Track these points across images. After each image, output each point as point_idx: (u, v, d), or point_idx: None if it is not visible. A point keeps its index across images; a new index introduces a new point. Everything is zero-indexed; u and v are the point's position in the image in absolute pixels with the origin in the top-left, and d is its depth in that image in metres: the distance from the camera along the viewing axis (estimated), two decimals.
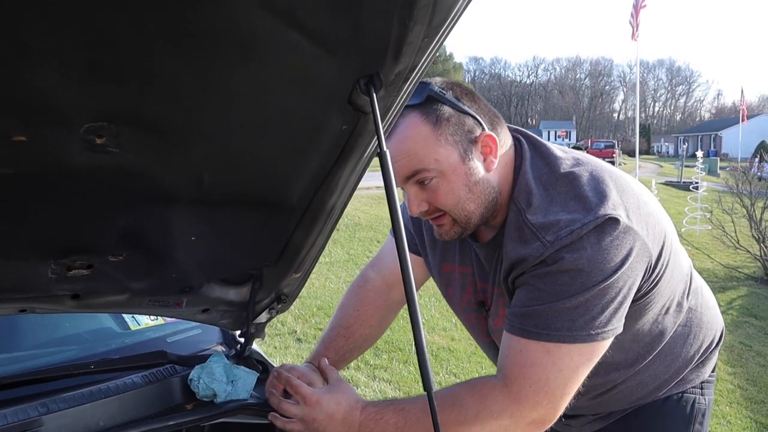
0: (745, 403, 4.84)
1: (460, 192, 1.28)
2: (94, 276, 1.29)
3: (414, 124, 1.25)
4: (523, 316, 1.25)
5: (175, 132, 0.97)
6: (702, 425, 1.54)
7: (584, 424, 1.58)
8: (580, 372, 1.24)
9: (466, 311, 1.56)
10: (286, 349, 5.14)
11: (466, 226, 1.33)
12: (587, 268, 1.19)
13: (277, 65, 0.88)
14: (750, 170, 14.38)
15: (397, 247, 0.87)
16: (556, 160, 1.33)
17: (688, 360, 1.51)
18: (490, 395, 1.26)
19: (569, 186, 1.27)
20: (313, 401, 1.32)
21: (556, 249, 1.20)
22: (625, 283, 1.22)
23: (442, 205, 1.30)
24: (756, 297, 8.37)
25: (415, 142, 1.25)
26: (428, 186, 1.28)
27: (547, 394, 1.22)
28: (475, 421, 1.24)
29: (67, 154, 0.93)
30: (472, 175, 1.28)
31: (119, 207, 1.12)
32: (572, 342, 1.21)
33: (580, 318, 1.20)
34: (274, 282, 1.53)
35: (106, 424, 1.41)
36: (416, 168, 1.26)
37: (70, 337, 1.91)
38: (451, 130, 1.25)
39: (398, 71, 0.93)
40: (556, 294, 1.21)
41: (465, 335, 5.88)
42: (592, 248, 1.19)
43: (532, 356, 1.23)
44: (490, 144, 1.29)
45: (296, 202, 1.24)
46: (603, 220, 1.20)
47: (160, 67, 0.83)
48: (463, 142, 1.27)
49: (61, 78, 0.80)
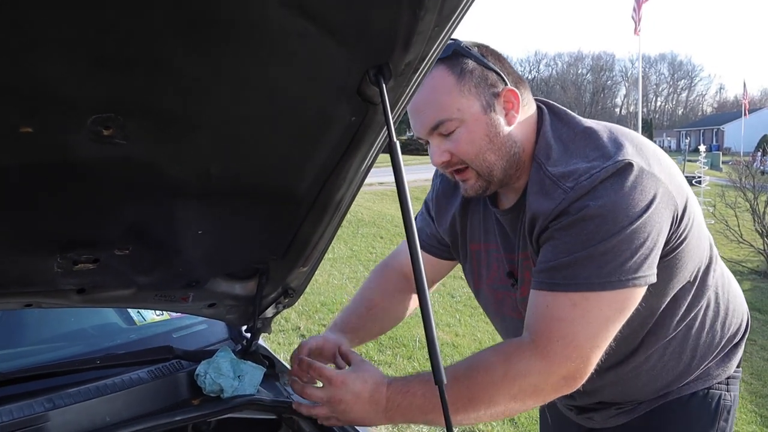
0: (750, 397, 4.83)
1: (481, 142, 1.31)
2: (100, 270, 1.28)
3: (440, 76, 1.29)
4: (549, 270, 1.24)
5: (183, 123, 0.96)
6: (727, 422, 1.51)
7: (607, 418, 1.56)
8: (610, 324, 1.22)
9: (494, 288, 1.55)
10: (290, 346, 5.13)
11: (489, 178, 1.35)
12: (612, 214, 1.18)
13: (286, 55, 0.87)
14: (753, 164, 14.35)
15: (408, 237, 0.86)
16: (575, 119, 1.37)
17: (714, 347, 1.49)
18: (516, 354, 1.24)
19: (588, 139, 1.29)
20: (338, 382, 1.31)
21: (578, 195, 1.20)
22: (653, 228, 1.20)
23: (463, 154, 1.32)
24: (760, 291, 8.36)
25: (440, 93, 1.29)
26: (450, 136, 1.31)
27: (576, 348, 1.20)
28: (503, 380, 1.22)
29: (74, 145, 0.92)
30: (493, 126, 1.31)
31: (126, 200, 1.11)
32: (601, 289, 1.19)
33: (608, 264, 1.18)
34: (281, 276, 1.52)
35: (112, 420, 1.41)
36: (440, 118, 1.30)
37: (75, 333, 1.91)
38: (474, 81, 1.29)
39: (408, 61, 0.92)
40: (583, 243, 1.19)
41: (469, 331, 5.88)
42: (615, 193, 1.18)
43: (559, 311, 1.22)
44: (512, 99, 1.33)
45: (304, 194, 1.22)
46: (622, 165, 1.20)
47: (168, 57, 0.82)
48: (486, 94, 1.30)
49: (68, 69, 0.79)
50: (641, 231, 1.19)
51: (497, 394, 1.23)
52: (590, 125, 1.33)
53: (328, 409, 1.32)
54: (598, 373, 1.34)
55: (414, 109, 1.32)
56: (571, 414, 1.67)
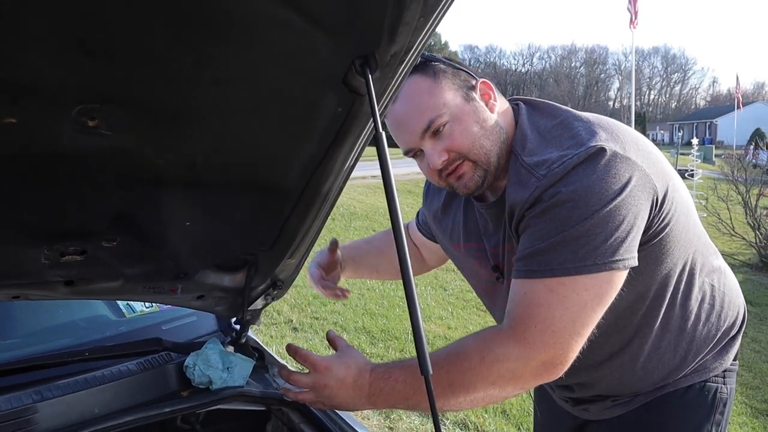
0: (740, 389, 4.87)
1: (474, 129, 1.33)
2: (88, 262, 1.28)
3: (416, 82, 1.32)
4: (526, 257, 1.24)
5: (168, 114, 0.96)
6: (723, 415, 1.51)
7: (603, 409, 1.56)
8: (589, 309, 1.21)
9: (485, 284, 1.56)
10: (282, 339, 5.13)
11: (487, 167, 1.35)
12: (584, 198, 1.18)
13: (271, 45, 0.86)
14: (745, 157, 14.40)
15: (393, 228, 0.86)
16: (556, 109, 1.38)
17: (709, 339, 1.49)
18: (494, 339, 1.24)
19: (563, 128, 1.30)
20: (322, 367, 1.32)
21: (550, 183, 1.21)
22: (628, 212, 1.19)
23: (460, 147, 1.33)
24: (751, 284, 8.41)
25: (421, 96, 1.31)
26: (443, 133, 1.32)
27: (554, 334, 1.19)
28: (481, 366, 1.22)
29: (59, 136, 0.92)
30: (480, 113, 1.34)
31: (112, 191, 1.11)
32: (576, 273, 1.18)
33: (582, 248, 1.18)
34: (269, 268, 1.52)
35: (101, 411, 1.41)
36: (429, 118, 1.31)
37: (64, 325, 1.90)
38: (449, 78, 1.33)
39: (394, 52, 0.92)
40: (556, 228, 1.19)
41: (461, 323, 5.89)
42: (587, 178, 1.19)
43: (536, 296, 1.22)
44: (487, 90, 1.37)
45: (291, 186, 1.22)
46: (594, 150, 1.20)
47: (153, 47, 0.81)
48: (463, 87, 1.34)
49: (52, 59, 0.78)
50: (615, 214, 1.18)
51: (476, 379, 1.22)
52: (567, 116, 1.33)
53: (314, 394, 1.33)
54: (595, 365, 1.33)
55: (398, 122, 1.34)
56: (566, 405, 1.68)
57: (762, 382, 5.03)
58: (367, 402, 1.30)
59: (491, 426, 3.86)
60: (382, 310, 5.90)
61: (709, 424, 1.49)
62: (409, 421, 3.81)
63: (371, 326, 5.48)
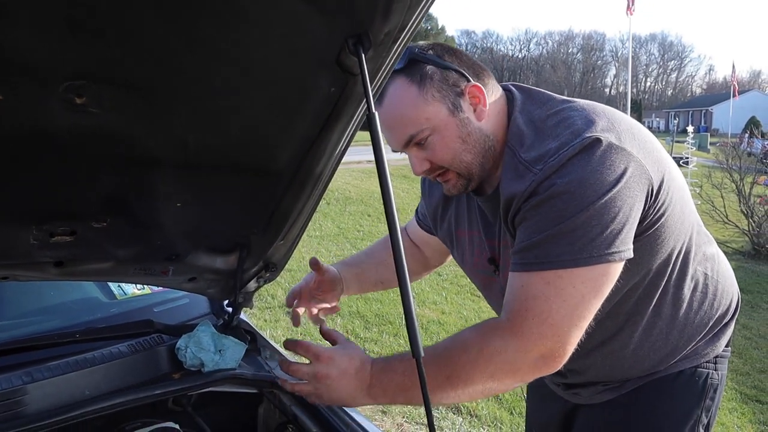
0: (731, 375, 4.90)
1: (455, 145, 1.31)
2: (78, 243, 1.27)
3: (401, 88, 1.28)
4: (522, 250, 1.24)
5: (158, 93, 0.94)
6: (713, 401, 1.51)
7: (593, 394, 1.56)
8: (586, 301, 1.20)
9: (479, 273, 1.56)
10: (277, 323, 5.14)
11: (469, 177, 1.36)
12: (579, 190, 1.17)
13: (262, 24, 0.85)
14: (740, 146, 14.41)
15: (386, 210, 0.85)
16: (549, 100, 1.35)
17: (701, 327, 1.49)
18: (492, 332, 1.24)
19: (559, 119, 1.28)
20: (325, 357, 1.31)
21: (546, 175, 1.20)
22: (624, 203, 1.19)
23: (440, 161, 1.33)
24: (743, 271, 8.45)
25: (406, 107, 1.28)
26: (426, 145, 1.32)
27: (552, 327, 1.19)
28: (478, 358, 1.22)
29: (46, 113, 0.90)
30: (464, 127, 1.31)
31: (101, 171, 1.09)
32: (574, 266, 1.18)
33: (578, 240, 1.17)
34: (261, 250, 1.51)
35: (91, 393, 1.40)
36: (410, 133, 1.30)
37: (55, 306, 1.89)
38: (436, 86, 1.29)
39: (388, 31, 0.90)
40: (552, 220, 1.19)
41: (455, 309, 5.91)
42: (582, 169, 1.18)
43: (533, 289, 1.21)
44: (477, 94, 1.32)
45: (284, 167, 1.21)
46: (589, 141, 1.19)
47: (141, 24, 0.80)
48: (450, 95, 1.30)
49: (38, 35, 0.77)
50: (611, 206, 1.17)
51: (474, 372, 1.22)
52: (562, 106, 1.32)
53: (313, 385, 1.32)
54: (586, 352, 1.32)
55: (385, 127, 1.32)
56: (558, 390, 1.68)
57: (752, 369, 5.07)
58: (367, 395, 1.30)
59: (484, 410, 3.88)
60: (375, 294, 5.90)
61: (699, 410, 1.49)
62: (402, 405, 3.82)
63: (365, 311, 5.49)
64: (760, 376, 4.92)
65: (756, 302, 7.05)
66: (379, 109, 1.28)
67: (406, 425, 3.63)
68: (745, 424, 4.12)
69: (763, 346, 5.64)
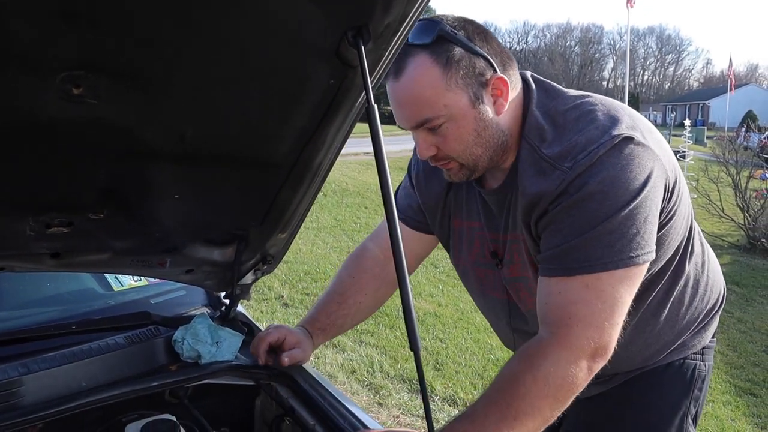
0: (725, 368, 4.93)
1: (469, 138, 1.26)
2: (75, 234, 1.26)
3: (423, 66, 1.19)
4: (560, 255, 1.21)
5: (156, 84, 0.94)
6: (701, 391, 1.53)
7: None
8: (624, 299, 1.20)
9: (477, 266, 1.53)
10: (273, 314, 5.14)
11: (473, 169, 1.32)
12: (612, 190, 1.16)
13: (261, 15, 0.84)
14: (736, 140, 14.42)
15: (385, 203, 0.85)
16: (564, 93, 1.32)
17: (691, 322, 1.50)
18: (539, 354, 1.20)
19: (580, 112, 1.26)
20: None
21: (576, 174, 1.18)
22: (652, 203, 1.19)
23: (450, 150, 1.28)
24: (739, 265, 8.49)
25: (425, 88, 1.20)
26: (438, 131, 1.25)
27: (597, 329, 1.17)
28: (534, 385, 1.16)
29: (44, 104, 0.90)
30: (481, 120, 1.26)
31: (99, 162, 1.09)
32: (615, 268, 1.17)
33: (617, 242, 1.16)
34: (259, 242, 1.51)
35: (88, 385, 1.40)
36: (426, 116, 1.23)
37: (51, 298, 1.88)
38: (461, 73, 1.20)
39: (388, 23, 0.90)
40: (588, 222, 1.17)
41: (452, 301, 5.91)
42: (614, 168, 1.16)
43: (573, 294, 1.19)
44: (501, 87, 1.25)
45: (282, 159, 1.20)
46: (620, 139, 1.18)
47: (139, 15, 0.79)
48: (474, 85, 1.22)
49: (35, 25, 0.76)
50: (643, 206, 1.17)
51: (536, 400, 1.16)
52: (580, 100, 1.29)
53: None
54: None
55: (397, 102, 1.25)
56: None
57: (746, 362, 5.09)
58: None
59: None
60: None
61: (688, 400, 1.51)
62: (398, 397, 3.84)
63: None
64: (754, 370, 4.95)
65: (751, 296, 7.08)
66: (394, 83, 1.22)
67: (402, 417, 3.64)
68: (739, 417, 4.14)
69: (757, 339, 5.67)
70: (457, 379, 4.16)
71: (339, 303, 1.68)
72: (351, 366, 4.22)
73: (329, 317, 1.67)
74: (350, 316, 1.70)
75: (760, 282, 7.67)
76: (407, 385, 4.01)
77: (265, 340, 1.55)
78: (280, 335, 1.56)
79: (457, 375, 4.23)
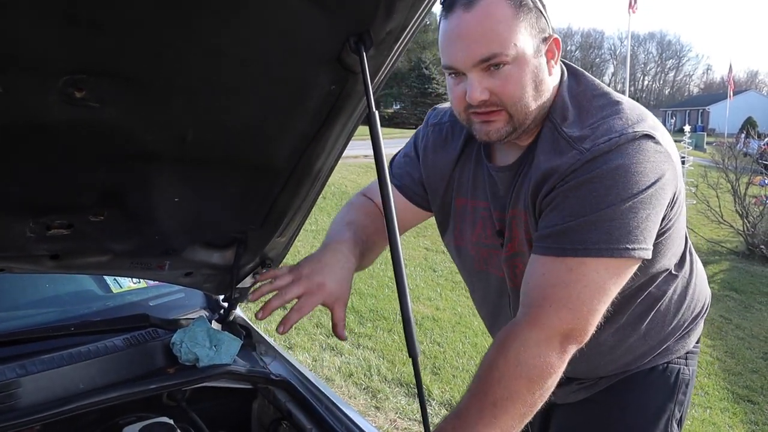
0: (723, 375, 4.92)
1: (528, 86, 1.23)
2: (74, 236, 1.26)
3: (496, 4, 1.17)
4: (556, 234, 1.20)
5: (157, 87, 0.94)
6: (685, 395, 1.54)
7: (568, 393, 1.57)
8: (607, 289, 1.18)
9: (479, 246, 1.50)
10: (271, 317, 5.13)
11: (519, 125, 1.27)
12: (623, 179, 1.15)
13: (263, 21, 0.85)
14: (736, 146, 14.43)
15: (385, 214, 0.85)
16: (594, 83, 1.33)
17: (676, 328, 1.51)
18: (510, 335, 1.18)
19: (606, 101, 1.27)
20: None
21: (592, 156, 1.17)
22: (657, 204, 1.19)
23: (507, 96, 1.23)
24: (737, 271, 8.48)
25: (499, 21, 1.17)
26: (498, 72, 1.21)
27: (570, 310, 1.16)
28: (507, 367, 1.14)
29: (46, 107, 0.90)
30: (541, 72, 1.25)
31: (99, 164, 1.09)
32: (609, 256, 1.16)
33: (616, 231, 1.16)
34: (258, 246, 1.51)
35: (85, 387, 1.40)
36: (495, 51, 1.18)
37: (50, 299, 1.88)
38: (531, 20, 1.20)
39: (390, 29, 0.90)
40: (591, 205, 1.16)
41: (450, 305, 5.91)
42: (629, 159, 1.16)
43: (555, 276, 1.18)
44: (554, 49, 1.27)
45: (282, 164, 1.21)
46: (642, 134, 1.18)
47: (141, 19, 0.79)
48: (537, 36, 1.22)
49: (38, 28, 0.77)
50: (648, 203, 1.17)
51: (511, 383, 1.13)
52: (609, 92, 1.30)
53: None
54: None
55: (459, 34, 1.19)
56: None
57: (744, 369, 5.09)
58: None
59: None
60: (370, 290, 5.91)
61: (673, 404, 1.52)
62: (395, 401, 3.83)
63: (360, 306, 5.49)
64: (752, 376, 4.94)
65: (749, 302, 7.07)
66: (463, 14, 1.17)
67: (399, 421, 3.64)
68: (737, 424, 4.14)
69: (755, 346, 5.67)
70: (454, 383, 4.15)
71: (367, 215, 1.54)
72: (348, 369, 4.22)
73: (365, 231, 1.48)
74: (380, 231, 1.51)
75: (758, 288, 7.67)
76: (404, 389, 4.01)
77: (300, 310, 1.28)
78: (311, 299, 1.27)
79: (455, 379, 4.22)
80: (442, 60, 1.26)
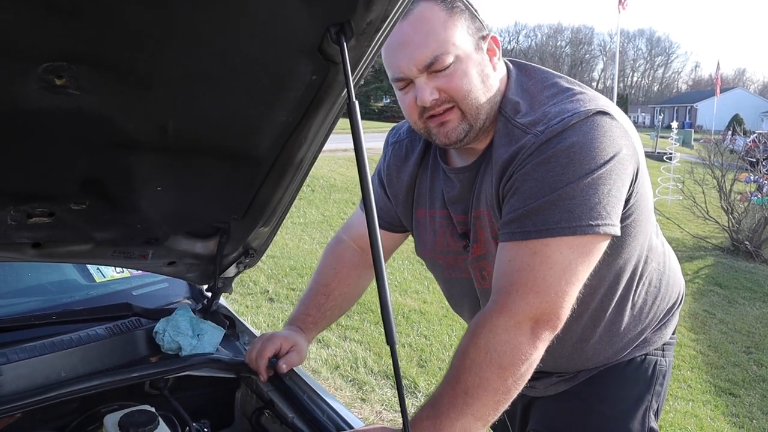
0: (706, 368, 4.98)
1: (475, 80, 1.27)
2: (56, 224, 1.26)
3: (430, 9, 1.24)
4: (519, 218, 1.21)
5: (138, 76, 0.94)
6: (662, 386, 1.57)
7: (548, 386, 1.59)
8: (574, 269, 1.18)
9: (443, 254, 1.53)
10: (258, 309, 5.14)
11: (473, 122, 1.30)
12: (579, 156, 1.17)
13: (244, 10, 0.85)
14: (722, 143, 14.55)
15: (363, 191, 0.86)
16: (544, 74, 1.36)
17: (653, 320, 1.53)
18: (479, 322, 1.19)
19: (558, 90, 1.29)
20: None
21: (547, 137, 1.19)
22: (618, 178, 1.19)
23: (456, 91, 1.27)
24: (722, 266, 8.56)
25: (434, 25, 1.23)
26: (445, 72, 1.25)
27: (538, 295, 1.16)
28: (477, 354, 1.15)
29: (25, 94, 0.90)
30: (485, 66, 1.29)
31: (80, 152, 1.09)
32: (572, 234, 1.16)
33: (577, 208, 1.16)
34: (241, 235, 1.51)
35: (67, 375, 1.40)
36: (436, 53, 1.23)
37: (32, 288, 1.88)
38: (466, 20, 1.26)
39: (370, 20, 0.91)
40: (550, 185, 1.17)
41: (437, 298, 5.93)
42: (584, 136, 1.18)
43: (520, 262, 1.19)
44: (494, 47, 1.32)
45: (264, 154, 1.21)
46: (595, 111, 1.20)
47: (121, 6, 0.80)
48: (475, 35, 1.28)
49: (16, 14, 0.76)
50: (608, 178, 1.17)
51: (482, 371, 1.14)
52: (559, 80, 1.32)
53: None
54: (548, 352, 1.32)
55: (401, 44, 1.24)
56: None
57: (726, 362, 5.14)
58: None
59: None
60: None
61: (650, 395, 1.54)
62: (381, 393, 3.85)
63: None
64: (734, 370, 5.00)
65: (733, 297, 7.14)
66: (402, 23, 1.22)
67: (384, 413, 3.65)
68: (718, 416, 4.19)
69: (738, 340, 5.73)
70: (440, 376, 4.16)
71: (326, 295, 1.68)
72: (335, 362, 4.23)
73: (319, 310, 1.66)
74: (338, 306, 1.71)
75: (742, 284, 7.74)
76: (390, 381, 4.02)
77: (263, 355, 1.50)
78: (275, 345, 1.52)
79: (441, 372, 4.24)
80: (390, 74, 1.31)
